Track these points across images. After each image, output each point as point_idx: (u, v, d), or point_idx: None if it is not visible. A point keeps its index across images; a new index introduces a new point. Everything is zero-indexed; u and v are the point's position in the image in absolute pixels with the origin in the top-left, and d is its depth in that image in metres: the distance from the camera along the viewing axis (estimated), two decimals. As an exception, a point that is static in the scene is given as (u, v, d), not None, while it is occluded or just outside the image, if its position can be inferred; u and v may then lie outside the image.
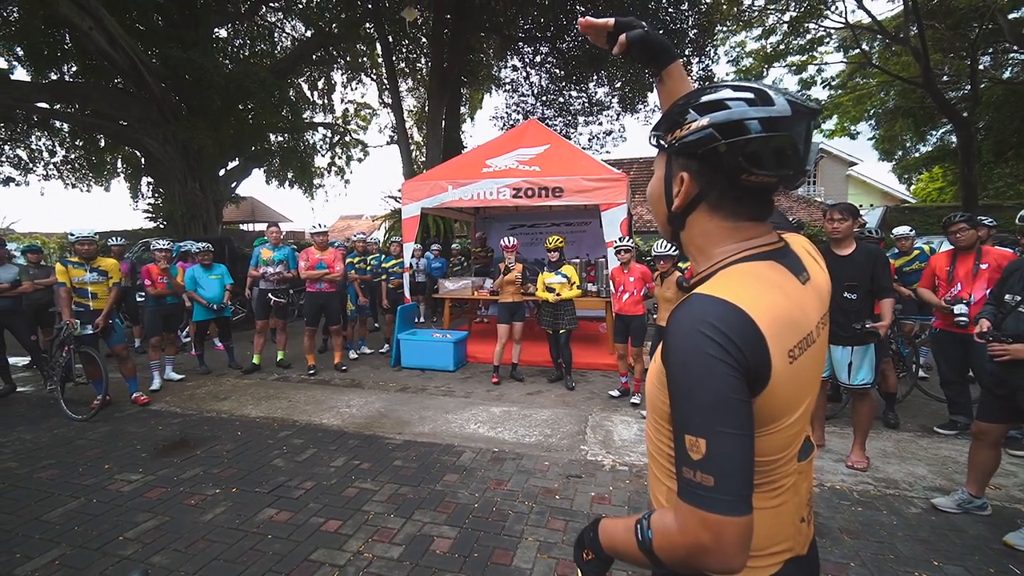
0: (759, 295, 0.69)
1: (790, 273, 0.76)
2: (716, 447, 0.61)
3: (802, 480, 0.80)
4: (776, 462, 0.74)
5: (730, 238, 0.77)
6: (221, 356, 6.16)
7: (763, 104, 0.69)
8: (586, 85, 15.23)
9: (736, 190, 0.74)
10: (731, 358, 0.63)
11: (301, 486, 3.09)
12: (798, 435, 0.77)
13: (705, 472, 0.61)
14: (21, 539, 2.55)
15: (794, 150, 0.69)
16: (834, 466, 3.29)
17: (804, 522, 0.82)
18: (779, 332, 0.68)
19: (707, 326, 0.65)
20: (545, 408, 4.53)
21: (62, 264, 4.33)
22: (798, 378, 0.71)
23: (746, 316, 0.66)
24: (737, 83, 0.74)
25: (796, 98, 0.70)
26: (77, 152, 14.16)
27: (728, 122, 0.69)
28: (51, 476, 3.24)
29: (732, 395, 0.62)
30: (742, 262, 0.75)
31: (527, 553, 2.41)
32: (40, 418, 4.33)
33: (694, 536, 0.62)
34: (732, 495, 0.61)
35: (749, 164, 0.69)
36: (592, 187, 5.68)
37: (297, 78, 15.26)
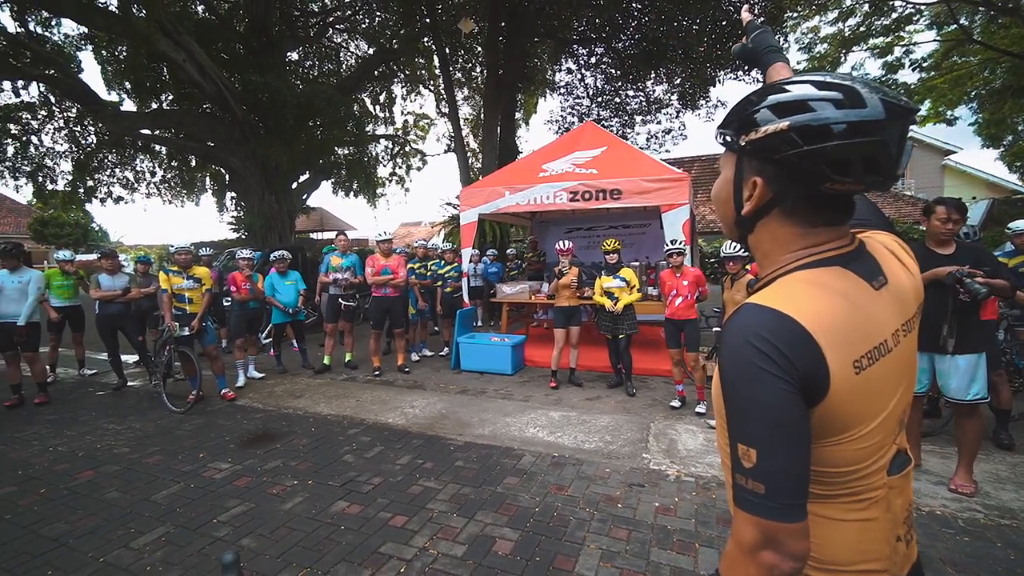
0: (814, 302, 0.67)
1: (859, 278, 0.72)
2: (766, 456, 0.63)
3: (895, 496, 0.76)
4: (855, 473, 0.71)
5: (798, 243, 0.74)
6: (296, 356, 6.59)
7: (852, 106, 0.64)
8: (643, 84, 14.88)
9: (815, 197, 0.71)
10: (779, 368, 0.63)
11: (370, 481, 3.24)
12: (881, 447, 0.72)
13: (756, 480, 0.63)
14: (134, 516, 2.87)
15: (886, 155, 0.64)
16: (933, 489, 2.97)
17: (901, 542, 0.77)
18: (839, 341, 0.66)
19: (755, 336, 0.65)
20: (605, 414, 4.46)
21: (164, 273, 4.84)
22: (869, 389, 0.68)
23: (796, 325, 0.65)
24: (821, 78, 0.68)
25: (892, 97, 0.64)
26: (173, 172, 15.77)
27: (811, 126, 0.65)
28: (156, 461, 3.62)
29: (781, 405, 0.63)
30: (802, 269, 0.72)
31: (589, 560, 2.38)
32: (147, 409, 4.85)
33: (751, 542, 0.64)
34: (782, 503, 0.62)
35: (833, 172, 0.65)
36: (652, 188, 5.54)
37: (361, 93, 16.11)
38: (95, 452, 3.79)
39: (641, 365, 5.54)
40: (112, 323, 5.54)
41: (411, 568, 2.36)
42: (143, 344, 5.76)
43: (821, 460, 0.69)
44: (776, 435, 0.62)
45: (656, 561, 2.36)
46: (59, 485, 3.26)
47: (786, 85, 0.70)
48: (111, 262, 5.56)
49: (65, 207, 16.28)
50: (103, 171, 14.26)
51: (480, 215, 6.64)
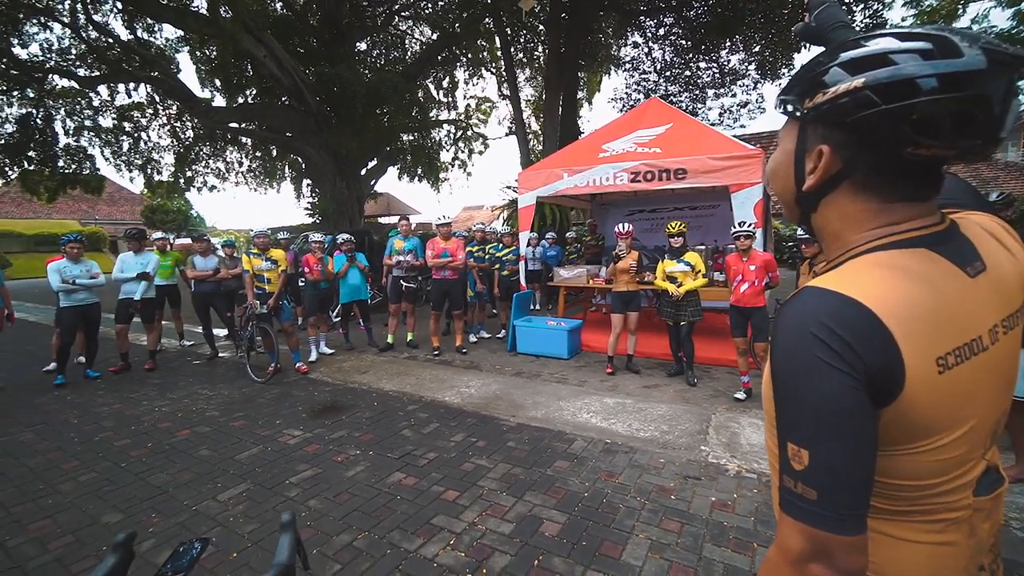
0: (890, 287, 0.58)
1: (950, 263, 0.61)
2: (821, 459, 0.56)
3: (982, 519, 0.65)
4: (932, 489, 0.62)
5: (873, 221, 0.64)
6: (363, 335, 6.98)
7: (944, 56, 0.54)
8: (717, 54, 13.91)
9: (894, 166, 0.61)
10: (843, 362, 0.55)
11: (425, 456, 3.38)
12: (965, 461, 0.62)
13: (807, 484, 0.56)
14: (220, 472, 3.20)
15: (986, 113, 0.53)
16: (1045, 504, 2.60)
17: (985, 572, 0.67)
18: (919, 333, 0.57)
19: (816, 324, 0.57)
20: (662, 403, 4.32)
21: (247, 255, 5.28)
22: (955, 391, 0.58)
23: (866, 311, 0.56)
24: (905, 30, 0.58)
25: (995, 45, 0.53)
26: (257, 161, 17.08)
27: (893, 81, 0.55)
28: (240, 425, 4.01)
29: (842, 401, 0.55)
30: (878, 251, 0.62)
31: (637, 550, 2.33)
32: (234, 378, 5.38)
33: (798, 553, 0.57)
34: (838, 511, 0.55)
35: (918, 133, 0.55)
36: (720, 166, 5.19)
37: (424, 80, 16.42)
38: (191, 414, 4.27)
39: (704, 354, 5.29)
40: (204, 300, 6.17)
41: (460, 541, 2.44)
42: (231, 320, 6.36)
43: (891, 471, 0.61)
44: (833, 435, 0.55)
45: (709, 557, 2.27)
46: (162, 441, 3.71)
47: (863, 39, 0.60)
48: (204, 245, 6.16)
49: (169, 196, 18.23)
50: (199, 162, 15.77)
51: (538, 198, 6.58)
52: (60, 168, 12.62)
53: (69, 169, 12.82)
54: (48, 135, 12.24)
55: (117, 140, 14.03)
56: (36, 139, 12.00)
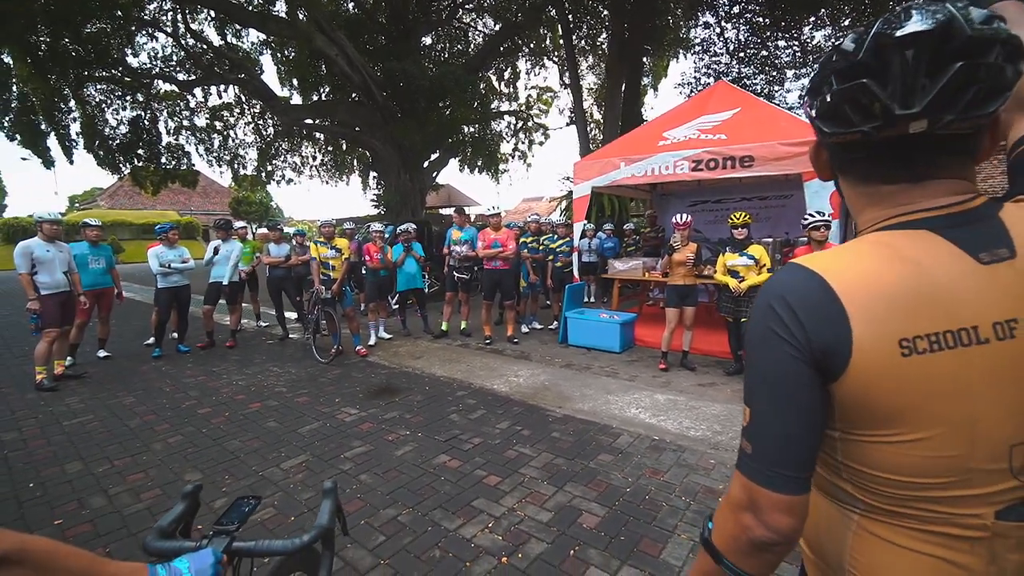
0: (862, 265, 0.59)
1: (954, 246, 0.58)
2: (757, 418, 0.62)
3: (1009, 549, 0.57)
4: (921, 489, 0.58)
5: (873, 205, 0.66)
6: (419, 321, 7.23)
7: (843, 57, 0.60)
8: (799, 31, 12.83)
9: (843, 152, 0.67)
10: (790, 334, 0.59)
11: (470, 440, 3.47)
12: (965, 471, 0.56)
13: (747, 439, 0.63)
14: (285, 443, 3.48)
15: (871, 97, 0.57)
16: None
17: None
18: (881, 311, 0.56)
19: (776, 297, 0.62)
20: (717, 403, 4.12)
21: (314, 243, 5.65)
22: (928, 379, 0.54)
23: (824, 286, 0.59)
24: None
25: (888, 30, 0.55)
26: (328, 155, 18.12)
27: (811, 86, 0.66)
28: (304, 402, 4.32)
29: (782, 372, 0.60)
30: (881, 230, 0.64)
31: (678, 550, 2.26)
32: (301, 358, 5.79)
33: (735, 500, 0.64)
34: (766, 467, 0.60)
35: (825, 126, 0.63)
36: (792, 153, 4.79)
37: (487, 71, 16.56)
38: (262, 389, 4.66)
39: (767, 354, 4.96)
40: (277, 285, 6.67)
41: (498, 524, 2.49)
42: (300, 303, 6.84)
43: (866, 458, 0.61)
44: (769, 399, 0.61)
45: (756, 565, 2.15)
46: (237, 411, 4.09)
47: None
48: (277, 234, 6.66)
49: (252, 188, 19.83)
50: (278, 157, 16.98)
51: (594, 188, 6.44)
52: (163, 164, 14.15)
53: (170, 165, 14.34)
54: (154, 134, 13.76)
55: (209, 138, 15.45)
56: (144, 138, 13.52)
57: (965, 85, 0.53)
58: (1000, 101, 0.54)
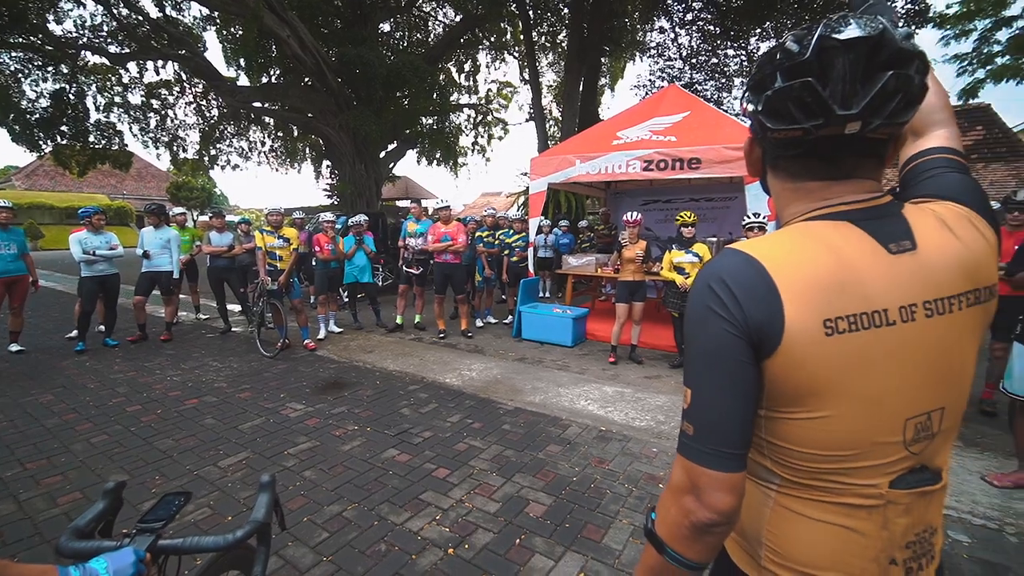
0: (792, 251, 0.63)
1: (868, 236, 0.64)
2: (699, 398, 0.63)
3: (898, 514, 0.63)
4: (828, 462, 0.62)
5: (798, 200, 0.70)
6: (372, 315, 7.07)
7: (788, 56, 0.62)
8: (746, 41, 13.45)
9: (778, 148, 0.69)
10: (728, 312, 0.61)
11: (421, 434, 3.44)
12: (871, 444, 0.62)
13: (688, 421, 0.64)
14: (223, 440, 3.32)
15: (814, 96, 0.59)
16: (1047, 514, 2.52)
17: (898, 567, 0.65)
18: (809, 292, 0.60)
19: (715, 279, 0.63)
20: (662, 394, 4.29)
21: (259, 232, 5.39)
22: (845, 357, 0.59)
23: (760, 267, 0.62)
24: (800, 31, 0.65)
25: (830, 32, 0.58)
26: (279, 141, 17.31)
27: (754, 82, 0.67)
28: (246, 397, 4.14)
29: (722, 349, 0.61)
30: (806, 220, 0.68)
31: (619, 535, 2.35)
32: (244, 352, 5.53)
33: (677, 484, 0.64)
34: (709, 447, 0.61)
35: (768, 120, 0.65)
36: (736, 157, 5.04)
37: (446, 63, 16.33)
38: (200, 384, 4.42)
39: (709, 347, 5.22)
40: (219, 275, 6.33)
41: (446, 516, 2.49)
42: (244, 295, 6.52)
43: (784, 435, 0.64)
44: (710, 377, 0.62)
45: (690, 546, 2.27)
46: (171, 408, 3.86)
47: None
48: (221, 221, 6.30)
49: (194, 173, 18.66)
50: (223, 141, 16.04)
51: (550, 184, 6.51)
52: (91, 143, 13.00)
53: (99, 144, 13.20)
54: (80, 110, 12.60)
55: (145, 117, 14.36)
56: (68, 114, 12.36)
57: (893, 93, 0.57)
58: (914, 111, 0.60)
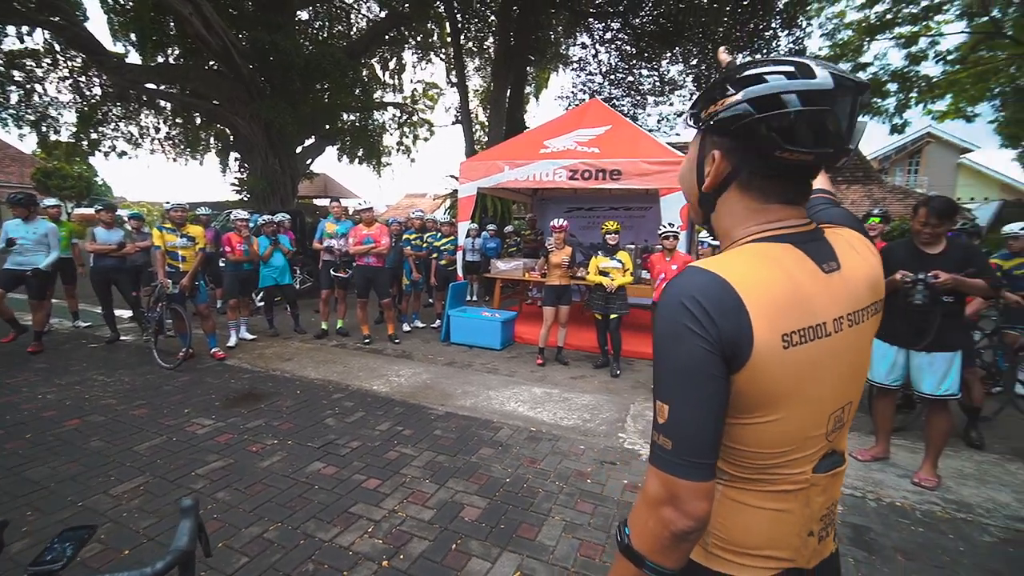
0: (754, 271, 0.68)
1: (809, 259, 0.71)
2: (677, 412, 0.64)
3: (817, 493, 0.75)
4: (774, 458, 0.70)
5: (754, 219, 0.74)
6: (290, 320, 6.64)
7: (803, 77, 0.65)
8: (658, 63, 14.50)
9: (768, 168, 0.71)
10: (703, 329, 0.63)
11: (348, 445, 3.31)
12: (806, 437, 0.71)
13: (666, 436, 0.65)
14: (115, 464, 2.95)
15: (835, 126, 0.65)
16: (897, 481, 3.01)
17: (814, 536, 0.76)
18: (771, 309, 0.65)
19: (687, 296, 0.65)
20: (587, 393, 4.50)
21: (158, 229, 4.84)
22: (798, 366, 0.67)
23: (728, 287, 0.65)
24: (779, 58, 0.70)
25: (841, 71, 0.65)
26: (177, 129, 15.62)
27: (764, 95, 0.66)
28: (142, 414, 3.70)
29: (699, 365, 0.63)
30: (755, 242, 0.73)
31: (552, 531, 2.44)
32: (137, 364, 4.93)
33: (654, 497, 0.66)
34: (688, 459, 0.63)
35: (783, 139, 0.66)
36: (652, 170, 5.45)
37: (370, 58, 15.76)
38: (83, 402, 3.87)
39: (627, 347, 5.55)
40: (106, 277, 5.58)
41: (379, 528, 2.43)
42: (137, 299, 5.82)
43: (740, 438, 0.69)
44: (688, 392, 0.64)
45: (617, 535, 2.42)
46: (45, 431, 3.34)
47: (749, 65, 0.71)
48: (110, 215, 5.57)
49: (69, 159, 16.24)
50: (107, 124, 14.12)
51: (479, 189, 6.57)
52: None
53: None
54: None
55: (4, 90, 12.26)
56: None
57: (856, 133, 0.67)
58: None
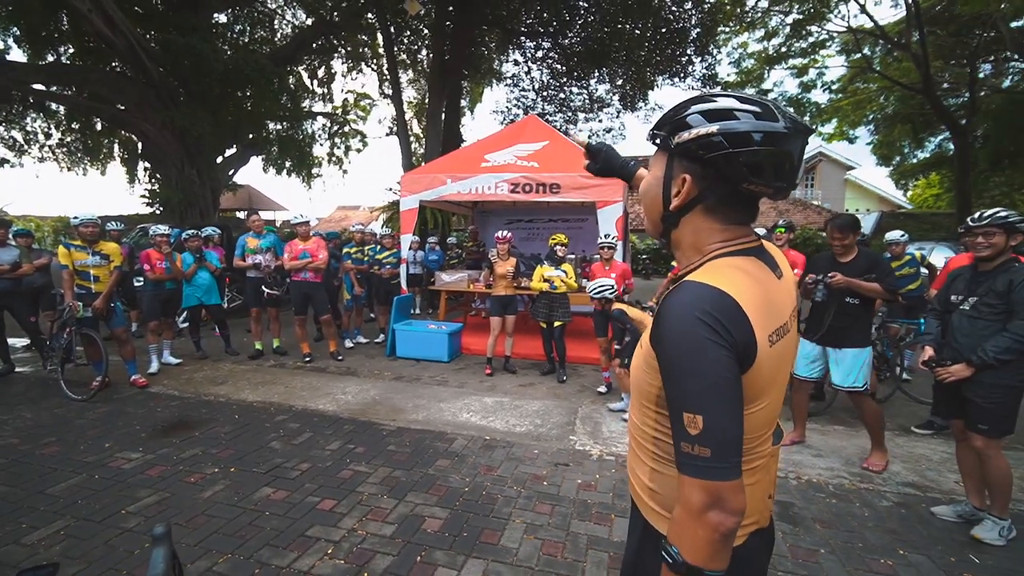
0: (743, 284, 0.76)
1: (768, 269, 0.84)
2: (713, 421, 0.68)
3: (772, 462, 0.90)
4: (755, 440, 0.82)
5: (719, 237, 0.84)
6: (219, 342, 6.21)
7: (768, 119, 0.75)
8: (587, 81, 15.27)
9: (733, 196, 0.80)
10: (722, 340, 0.69)
11: (297, 467, 3.18)
12: (775, 415, 0.86)
13: (703, 445, 0.68)
14: (26, 510, 2.63)
15: (791, 165, 0.76)
16: (812, 460, 3.42)
17: (771, 499, 0.92)
18: (761, 316, 0.75)
19: (701, 311, 0.71)
20: (536, 400, 4.64)
21: (64, 247, 4.37)
22: (778, 359, 0.79)
23: (734, 301, 0.72)
24: (741, 95, 0.79)
25: (795, 117, 0.76)
26: (73, 135, 14.07)
27: (737, 132, 0.74)
28: (53, 452, 3.32)
29: (726, 373, 0.69)
30: (727, 256, 0.81)
31: (514, 534, 2.52)
32: (40, 398, 4.40)
33: (699, 505, 0.68)
34: (727, 463, 0.68)
35: (750, 173, 0.75)
36: (589, 184, 5.76)
37: (297, 66, 15.18)
38: (-24, 444, 3.40)
39: (572, 353, 5.79)
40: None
41: (339, 549, 2.37)
42: (35, 325, 5.18)
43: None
44: (721, 400, 0.68)
45: (575, 532, 2.55)
46: (-70, 480, 2.91)
47: (712, 97, 0.81)
48: (3, 232, 4.94)
49: (-68, 167, 14.02)
50: (-17, 128, 12.45)
51: (421, 202, 6.57)
52: None
53: None
54: None
55: None
56: None
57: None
58: None
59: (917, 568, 2.31)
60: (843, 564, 2.32)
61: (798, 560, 2.34)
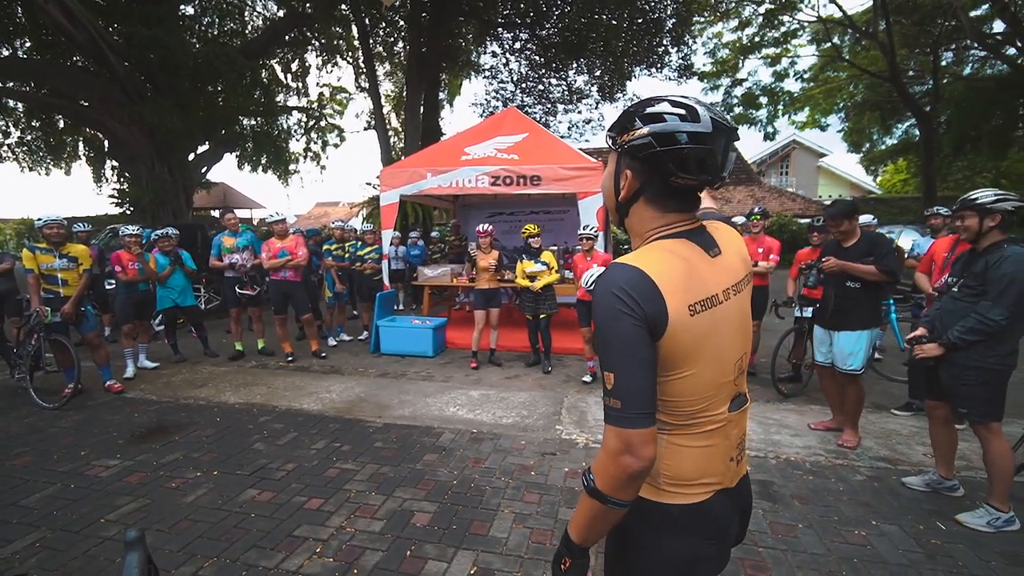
0: (662, 261, 0.86)
1: (699, 248, 0.91)
2: (621, 378, 0.81)
3: (732, 427, 0.96)
4: (697, 405, 0.89)
5: (657, 223, 0.94)
6: (197, 344, 6.08)
7: (692, 120, 0.83)
8: (566, 73, 15.26)
9: (667, 188, 0.90)
10: (632, 311, 0.81)
11: (283, 468, 3.15)
12: (718, 385, 0.91)
13: (615, 398, 0.81)
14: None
15: (713, 160, 0.84)
16: (790, 440, 3.52)
17: (734, 461, 0.98)
18: (678, 290, 0.84)
19: (616, 287, 0.83)
20: (522, 391, 4.67)
21: (29, 250, 4.21)
22: (701, 330, 0.86)
23: (646, 276, 0.83)
24: (675, 98, 0.87)
25: (718, 116, 0.84)
26: (34, 133, 13.51)
27: (663, 132, 0.83)
28: (25, 463, 3.22)
29: (633, 339, 0.81)
30: (660, 239, 0.92)
31: (503, 524, 2.54)
32: (8, 407, 4.24)
33: (613, 449, 0.80)
34: (635, 412, 0.79)
35: (676, 169, 0.85)
36: (569, 176, 5.78)
37: (270, 60, 14.81)
38: (-58, 457, 3.28)
39: (558, 344, 5.83)
40: (-42, 309, 4.74)
41: (327, 547, 2.36)
42: (1, 333, 4.99)
43: (671, 392, 0.87)
44: (627, 360, 0.80)
45: (564, 519, 2.58)
46: None
47: (652, 101, 0.89)
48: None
49: None
50: (-66, 127, 11.86)
51: (402, 196, 6.50)
52: None
53: None
54: None
55: None
56: None
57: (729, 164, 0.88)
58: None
59: (889, 537, 2.41)
60: (820, 537, 2.41)
61: (778, 536, 2.42)
